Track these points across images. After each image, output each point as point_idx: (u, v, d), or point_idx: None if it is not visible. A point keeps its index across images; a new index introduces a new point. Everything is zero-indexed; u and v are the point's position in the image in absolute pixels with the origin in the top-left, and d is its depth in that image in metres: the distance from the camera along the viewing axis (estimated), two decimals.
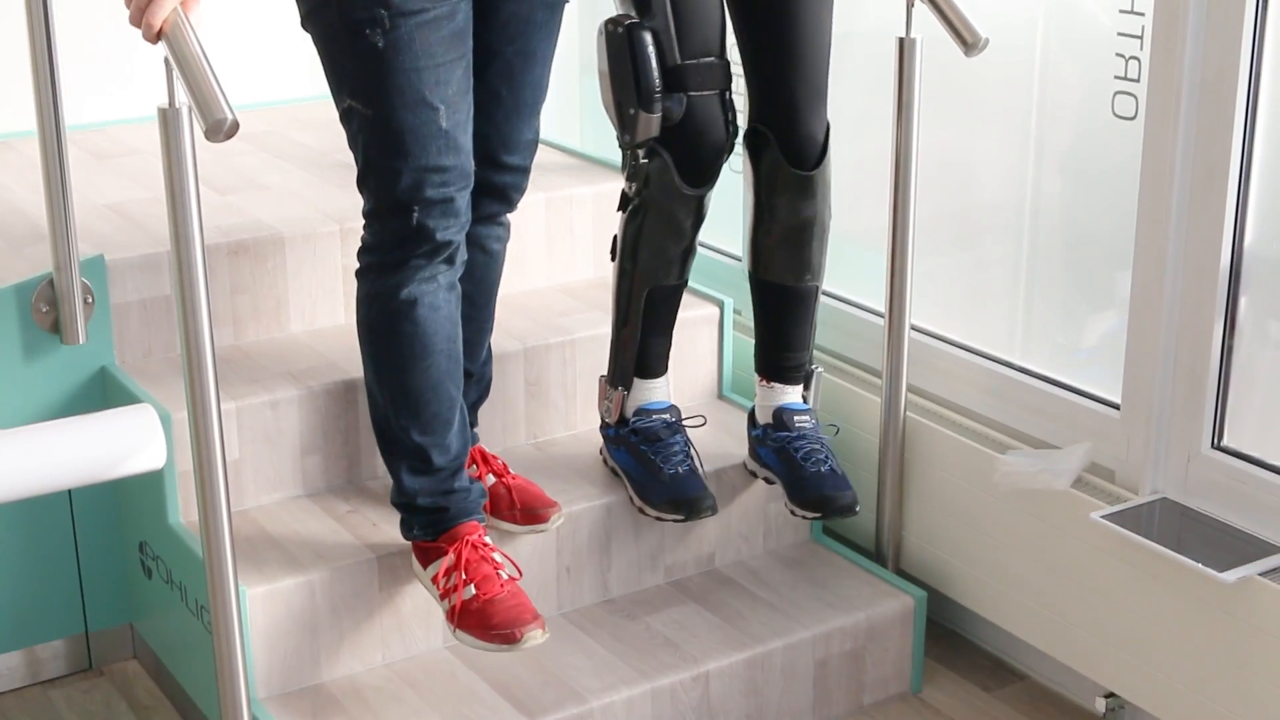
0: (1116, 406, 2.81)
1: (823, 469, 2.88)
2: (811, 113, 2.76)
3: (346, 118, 2.47)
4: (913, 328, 3.04)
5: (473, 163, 2.51)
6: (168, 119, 2.13)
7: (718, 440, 3.09)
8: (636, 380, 2.92)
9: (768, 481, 3.01)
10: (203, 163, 2.23)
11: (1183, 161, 2.59)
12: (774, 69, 2.75)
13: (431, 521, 2.65)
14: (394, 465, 2.67)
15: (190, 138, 2.14)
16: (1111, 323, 2.86)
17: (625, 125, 2.67)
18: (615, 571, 2.98)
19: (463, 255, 2.57)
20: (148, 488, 2.84)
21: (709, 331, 3.30)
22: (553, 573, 2.91)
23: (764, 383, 2.98)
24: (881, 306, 3.02)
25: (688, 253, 2.86)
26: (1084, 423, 2.86)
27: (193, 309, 2.22)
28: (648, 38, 2.62)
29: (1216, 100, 2.54)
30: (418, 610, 2.76)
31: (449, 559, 2.61)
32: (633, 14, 2.65)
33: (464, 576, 2.58)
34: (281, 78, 3.96)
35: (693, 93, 2.67)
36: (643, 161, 2.73)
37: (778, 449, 2.93)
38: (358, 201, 2.52)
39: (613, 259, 2.88)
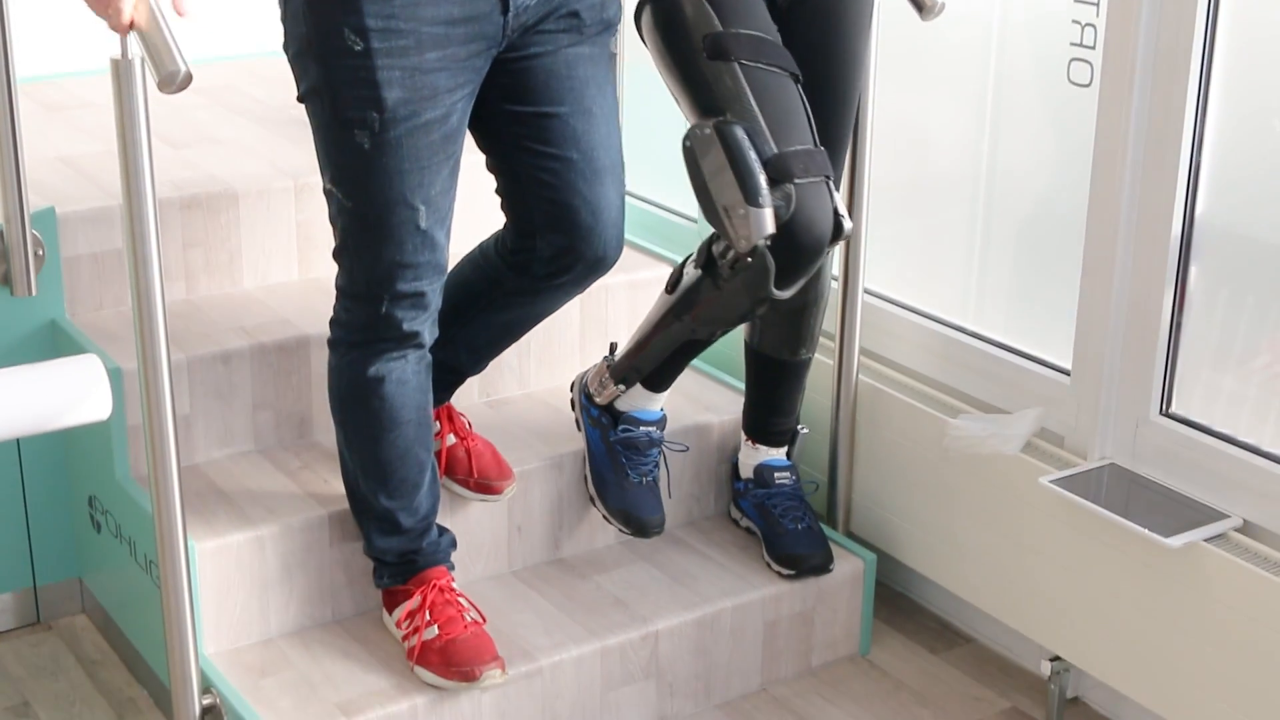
0: (1067, 373, 2.82)
1: (799, 526, 2.97)
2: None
3: (328, 196, 2.45)
4: (866, 292, 3.05)
5: (448, 254, 2.48)
6: (120, 71, 2.11)
7: (671, 403, 3.09)
8: (639, 386, 2.89)
9: (749, 532, 3.07)
10: (156, 116, 2.21)
11: (1136, 129, 2.60)
12: None
13: (400, 570, 2.68)
14: (364, 525, 2.68)
15: (143, 90, 2.12)
16: (1063, 288, 2.87)
17: (737, 229, 2.42)
18: (566, 530, 2.99)
19: (433, 334, 2.54)
20: (97, 441, 2.82)
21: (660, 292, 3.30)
22: (504, 531, 2.91)
23: (749, 443, 3.05)
24: (836, 270, 3.03)
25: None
26: (1034, 388, 2.87)
27: (144, 263, 2.21)
28: (739, 131, 2.42)
29: (1171, 69, 2.55)
30: (369, 567, 2.76)
31: (414, 601, 2.65)
32: (715, 116, 2.46)
33: (428, 618, 2.62)
34: (238, 32, 3.93)
35: (798, 180, 2.44)
36: (746, 260, 2.52)
37: (758, 504, 3.02)
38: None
39: (667, 290, 2.75)
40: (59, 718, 2.83)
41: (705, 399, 3.18)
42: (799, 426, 3.06)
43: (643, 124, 3.63)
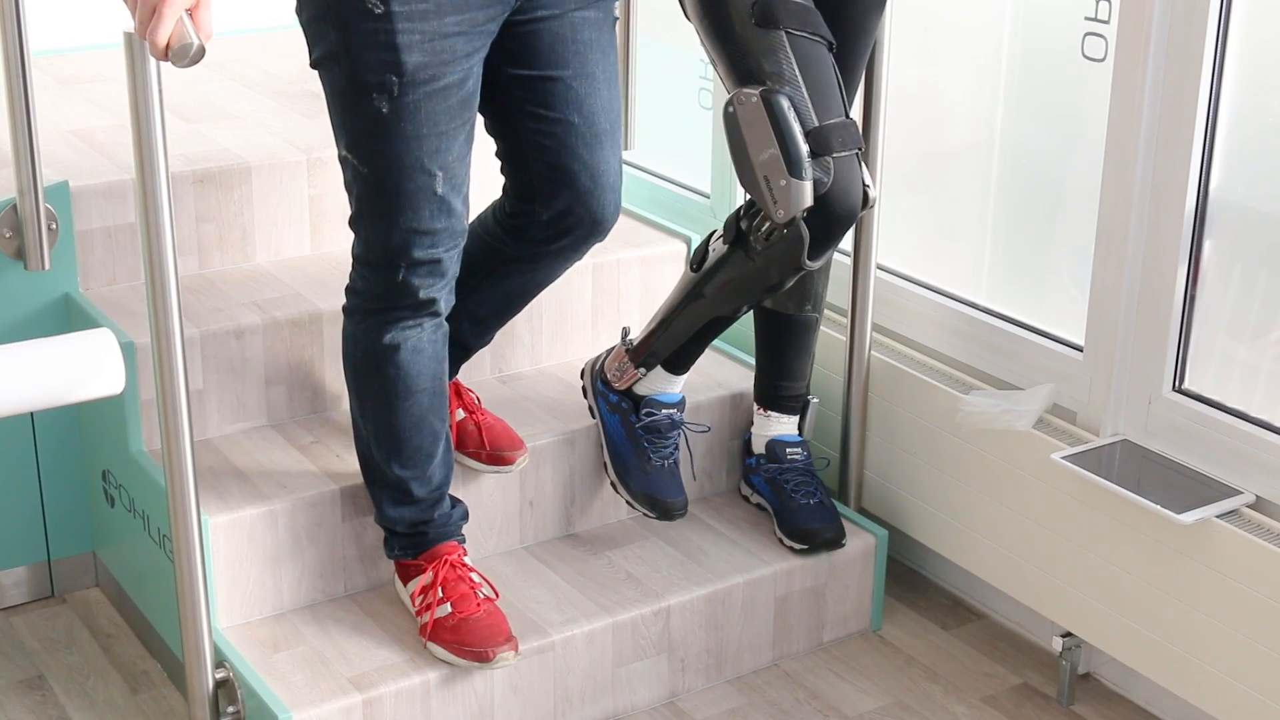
0: (1080, 348, 2.82)
1: (811, 501, 2.97)
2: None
3: (343, 163, 2.43)
4: (879, 267, 3.05)
5: (466, 221, 2.48)
6: (134, 44, 2.12)
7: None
8: (660, 368, 2.89)
9: (760, 508, 3.07)
10: (169, 90, 2.21)
11: (1150, 104, 2.60)
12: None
13: (411, 543, 2.68)
14: (376, 494, 2.67)
15: (156, 63, 2.13)
16: (1076, 264, 2.86)
17: (777, 199, 2.44)
18: (578, 506, 2.99)
19: (449, 302, 2.54)
20: (111, 416, 2.83)
21: (673, 268, 3.30)
22: (516, 506, 2.91)
23: (761, 411, 3.04)
24: (848, 245, 3.02)
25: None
26: (1047, 364, 2.87)
27: (157, 237, 2.21)
28: (785, 102, 2.42)
29: (1186, 43, 2.54)
30: (380, 541, 2.76)
31: (426, 577, 2.64)
32: (759, 84, 2.45)
33: (440, 595, 2.61)
34: (251, 5, 3.93)
35: (837, 154, 2.46)
36: (781, 231, 2.55)
37: (770, 479, 3.02)
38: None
39: (692, 268, 2.76)
40: (73, 690, 2.84)
41: (717, 375, 3.18)
42: (810, 397, 3.06)
43: (657, 99, 3.63)
